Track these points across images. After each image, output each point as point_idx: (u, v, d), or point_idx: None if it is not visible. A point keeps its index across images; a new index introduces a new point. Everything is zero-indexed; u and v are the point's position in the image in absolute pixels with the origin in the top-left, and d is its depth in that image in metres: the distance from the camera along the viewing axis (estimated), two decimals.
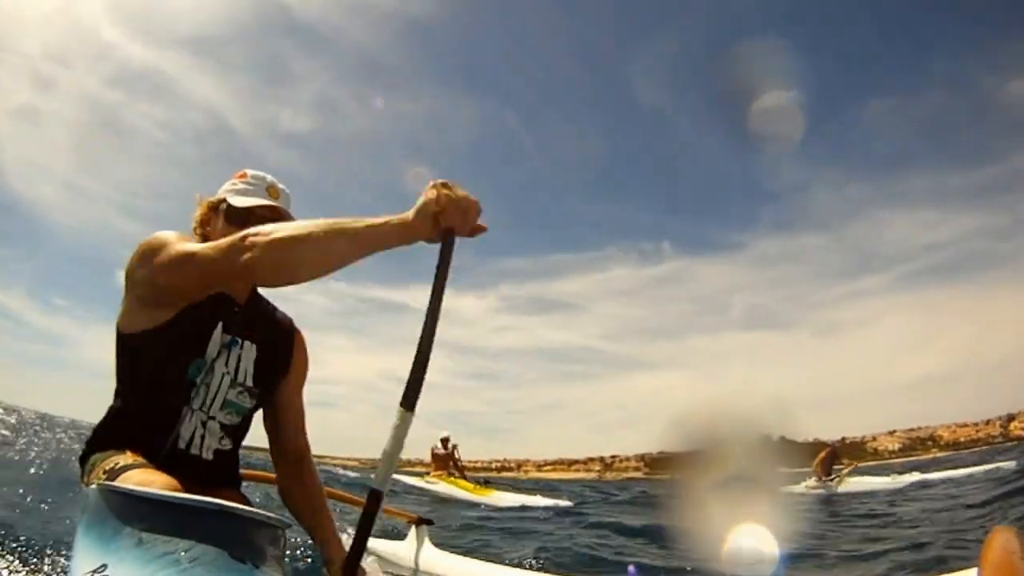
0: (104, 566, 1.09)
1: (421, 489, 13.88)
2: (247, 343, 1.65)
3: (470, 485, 12.93)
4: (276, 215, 1.59)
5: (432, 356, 1.16)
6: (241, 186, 1.63)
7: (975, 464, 14.56)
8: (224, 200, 1.62)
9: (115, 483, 1.33)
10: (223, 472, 1.67)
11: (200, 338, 1.54)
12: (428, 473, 14.64)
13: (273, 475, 1.81)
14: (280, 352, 1.73)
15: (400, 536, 3.78)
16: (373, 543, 4.08)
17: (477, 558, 3.37)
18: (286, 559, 1.34)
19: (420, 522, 3.54)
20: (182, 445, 1.56)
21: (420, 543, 3.50)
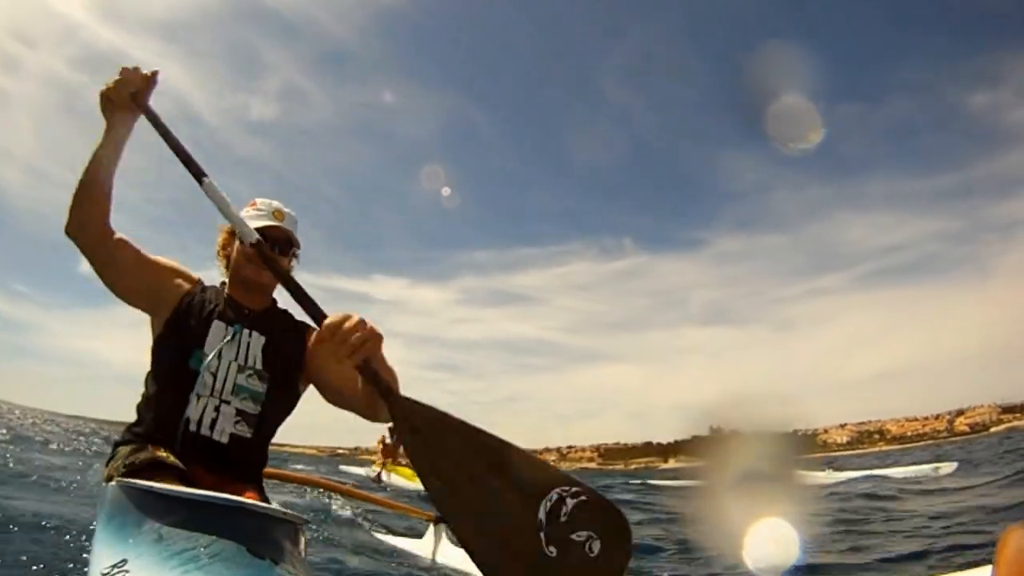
0: (124, 561, 1.12)
1: (363, 478, 13.94)
2: (255, 333, 1.77)
3: (411, 472, 12.84)
4: (281, 234, 1.82)
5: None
6: (252, 213, 1.83)
7: (924, 462, 15.10)
8: None
9: (136, 480, 1.35)
10: (242, 459, 1.72)
11: (197, 332, 1.71)
12: (374, 463, 14.60)
13: (299, 475, 1.89)
14: (292, 343, 1.82)
15: (419, 534, 3.83)
16: (393, 540, 4.14)
17: None
18: (305, 556, 1.38)
19: (438, 520, 3.57)
20: (192, 427, 1.64)
21: (438, 540, 3.55)
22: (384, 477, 13.76)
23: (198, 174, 1.56)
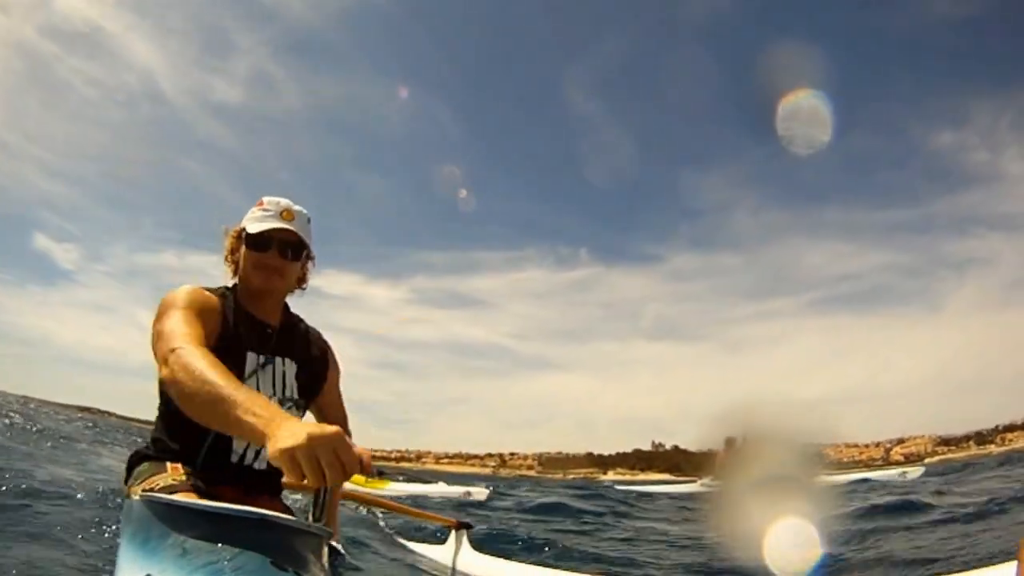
0: None
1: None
2: (286, 360, 1.75)
3: (362, 478, 12.02)
4: (291, 237, 1.72)
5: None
6: (259, 213, 1.73)
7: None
8: (244, 228, 1.74)
9: (159, 495, 1.35)
10: (273, 480, 1.72)
11: (234, 368, 1.55)
12: None
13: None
14: (318, 364, 1.84)
15: (440, 540, 3.78)
16: (413, 547, 4.06)
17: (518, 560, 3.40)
18: (328, 567, 1.38)
19: (460, 526, 3.51)
20: (235, 459, 1.64)
21: (459, 546, 3.47)
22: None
23: None
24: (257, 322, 1.76)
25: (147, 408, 1.72)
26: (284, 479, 1.90)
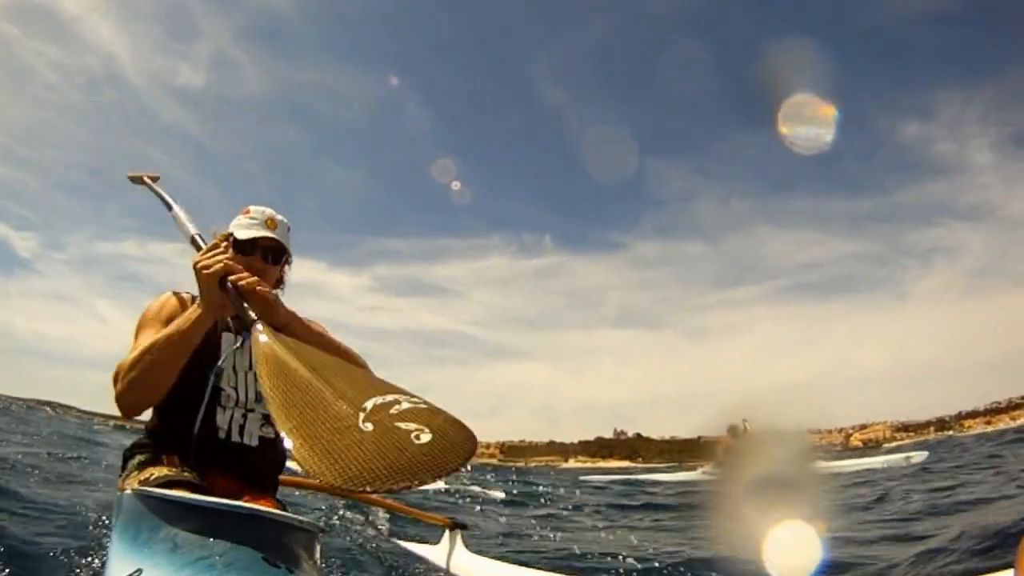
0: (139, 571, 1.11)
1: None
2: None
3: None
4: (272, 243, 1.86)
5: None
6: (245, 221, 1.86)
7: None
8: (232, 234, 1.85)
9: (150, 488, 1.35)
10: (270, 460, 1.78)
11: (211, 348, 1.73)
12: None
13: (312, 481, 1.89)
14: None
15: (434, 540, 3.76)
16: (406, 546, 4.04)
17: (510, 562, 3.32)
18: (320, 564, 1.38)
19: (454, 526, 3.53)
20: (222, 436, 1.70)
21: (452, 546, 3.48)
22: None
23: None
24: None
25: (109, 403, 1.71)
26: (282, 476, 1.93)
